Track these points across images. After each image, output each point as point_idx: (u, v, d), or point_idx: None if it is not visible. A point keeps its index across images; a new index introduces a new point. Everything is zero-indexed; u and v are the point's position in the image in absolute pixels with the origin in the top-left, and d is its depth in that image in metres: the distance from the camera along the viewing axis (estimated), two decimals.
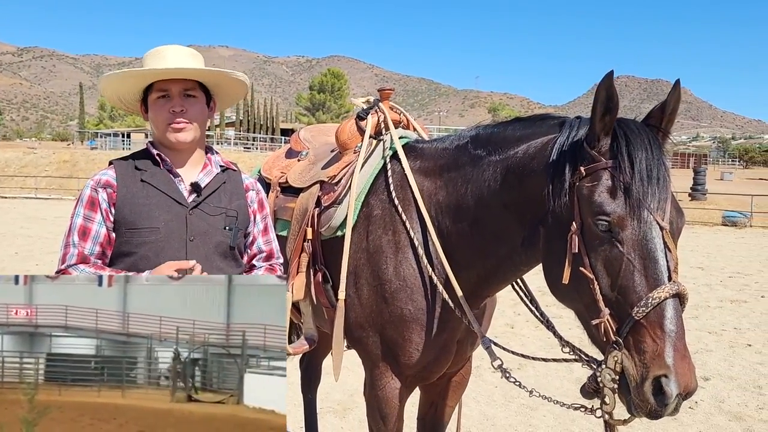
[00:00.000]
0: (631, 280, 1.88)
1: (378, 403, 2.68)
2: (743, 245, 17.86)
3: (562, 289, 2.06)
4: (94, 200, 2.19)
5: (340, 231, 2.73)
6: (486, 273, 2.50)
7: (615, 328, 1.90)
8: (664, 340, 1.81)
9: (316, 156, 3.26)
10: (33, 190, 34.58)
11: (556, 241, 2.08)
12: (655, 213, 1.90)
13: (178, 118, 2.22)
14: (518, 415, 5.32)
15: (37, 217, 21.88)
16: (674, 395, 1.78)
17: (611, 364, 1.90)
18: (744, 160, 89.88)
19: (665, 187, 1.95)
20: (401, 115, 3.05)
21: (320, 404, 4.82)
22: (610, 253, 1.92)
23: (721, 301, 9.97)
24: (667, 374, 1.78)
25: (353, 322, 2.68)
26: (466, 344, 2.80)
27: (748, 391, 5.96)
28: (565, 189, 2.05)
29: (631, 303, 1.87)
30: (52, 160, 43.82)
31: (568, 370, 6.26)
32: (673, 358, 1.80)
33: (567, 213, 2.04)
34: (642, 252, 1.89)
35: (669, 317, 1.83)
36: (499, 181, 2.36)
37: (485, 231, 2.43)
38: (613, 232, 1.91)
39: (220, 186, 2.33)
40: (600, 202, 1.93)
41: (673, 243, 1.92)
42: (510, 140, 2.39)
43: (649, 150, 1.95)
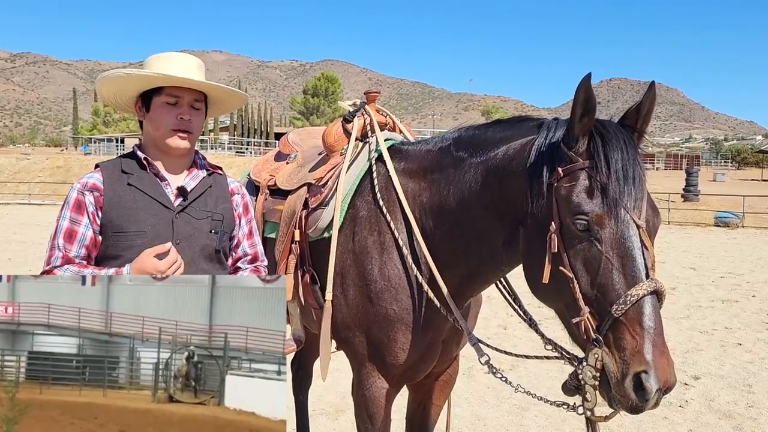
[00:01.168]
0: (609, 278, 1.91)
1: (365, 403, 2.70)
2: (735, 246, 17.95)
3: (542, 289, 2.09)
4: (81, 203, 2.20)
5: (327, 232, 2.76)
6: (469, 273, 2.53)
7: (595, 325, 1.93)
8: (643, 336, 1.84)
9: (304, 159, 3.28)
10: (26, 196, 34.46)
11: (536, 242, 2.11)
12: (631, 212, 1.93)
13: (184, 125, 2.26)
14: (510, 415, 5.35)
15: (31, 223, 21.84)
16: (654, 390, 1.81)
17: (592, 361, 1.93)
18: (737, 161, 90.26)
19: (641, 187, 1.98)
20: (387, 117, 3.08)
21: (313, 406, 4.83)
22: (588, 252, 1.95)
23: (713, 301, 10.03)
24: (647, 370, 1.81)
25: (340, 322, 2.70)
26: (451, 343, 2.82)
27: (738, 390, 6.00)
28: (543, 190, 2.08)
29: (610, 301, 1.89)
30: (45, 165, 43.72)
31: (560, 371, 6.28)
32: (652, 354, 1.82)
33: (546, 213, 2.07)
34: (620, 250, 1.92)
35: (647, 314, 1.86)
36: (480, 183, 2.39)
37: (467, 232, 2.46)
38: (592, 231, 1.94)
39: (206, 190, 2.35)
40: (578, 202, 1.97)
41: (649, 241, 1.96)
42: (490, 142, 2.43)
43: (624, 150, 1.98)
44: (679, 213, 25.21)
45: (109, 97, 2.42)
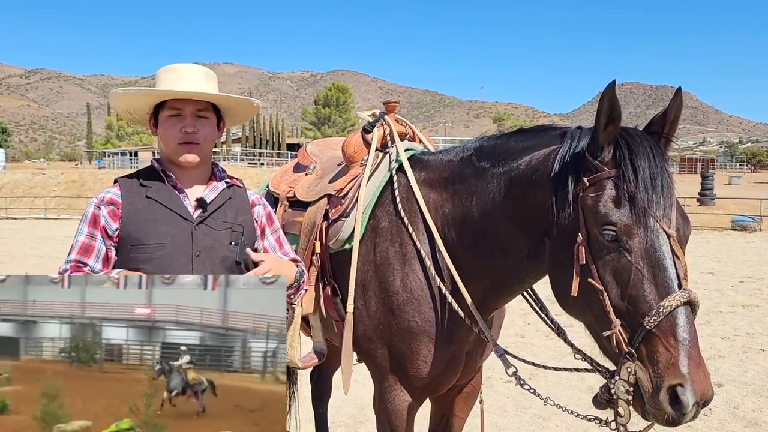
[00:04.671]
0: (641, 290, 1.87)
1: (387, 416, 2.67)
2: (753, 249, 17.75)
3: (571, 301, 2.05)
4: (97, 217, 2.21)
5: (348, 244, 2.74)
6: (492, 285, 2.50)
7: (627, 338, 1.88)
8: (678, 348, 1.80)
9: (323, 170, 3.27)
10: (42, 211, 34.77)
11: (562, 253, 2.08)
12: (661, 220, 1.90)
13: (188, 137, 2.24)
14: (531, 425, 5.29)
15: (47, 237, 22.02)
16: (691, 404, 1.76)
17: (624, 375, 1.88)
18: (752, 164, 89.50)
19: (669, 195, 1.95)
20: (407, 127, 3.07)
21: (331, 418, 4.80)
22: (618, 263, 1.92)
23: (733, 306, 9.90)
24: (683, 383, 1.77)
25: (362, 334, 2.68)
26: (475, 355, 2.79)
27: (763, 397, 5.90)
28: (569, 200, 2.05)
29: (642, 312, 1.85)
30: (60, 180, 44.12)
31: (580, 379, 6.22)
32: (688, 367, 1.78)
33: (572, 224, 2.04)
34: (650, 260, 1.88)
35: (681, 325, 1.82)
36: (503, 194, 2.36)
37: (491, 243, 2.43)
38: (621, 242, 1.90)
39: (226, 202, 2.34)
40: (605, 212, 1.93)
41: (680, 250, 1.91)
42: (513, 152, 2.40)
43: (651, 158, 1.95)
44: (695, 217, 24.97)
45: (124, 113, 2.44)
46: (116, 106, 2.41)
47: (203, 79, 2.32)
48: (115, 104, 2.39)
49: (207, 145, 2.31)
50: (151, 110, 2.33)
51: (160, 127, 2.29)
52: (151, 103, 2.31)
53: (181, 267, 2.18)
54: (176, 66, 2.33)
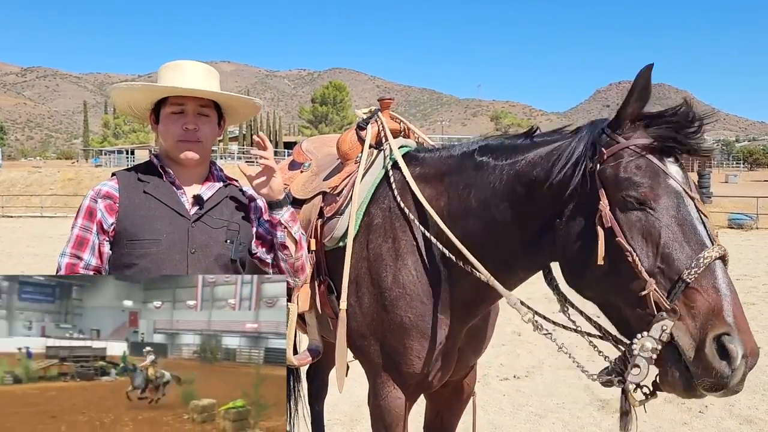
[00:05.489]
0: (674, 248, 1.86)
1: (381, 413, 2.67)
2: (750, 247, 17.79)
3: (589, 276, 2.03)
4: (93, 210, 2.20)
5: (342, 241, 2.73)
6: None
7: (664, 296, 1.83)
8: (720, 299, 1.76)
9: (318, 167, 3.27)
10: (38, 209, 34.72)
11: (580, 227, 2.08)
12: (684, 185, 1.92)
13: (190, 135, 2.24)
14: (526, 423, 5.29)
15: (44, 236, 21.98)
16: (740, 355, 1.69)
17: (656, 332, 1.81)
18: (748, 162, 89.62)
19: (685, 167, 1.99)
20: (401, 124, 3.06)
21: (328, 416, 4.81)
22: (646, 225, 1.91)
23: None
24: (729, 332, 1.71)
25: (355, 331, 2.68)
26: (468, 351, 2.79)
27: (758, 395, 5.92)
28: (586, 177, 2.06)
29: (677, 269, 1.83)
30: (56, 178, 44.06)
31: (577, 377, 6.23)
32: (734, 316, 1.73)
33: (590, 198, 2.04)
34: (679, 219, 1.89)
35: (721, 277, 1.79)
36: (507, 183, 2.36)
37: (486, 235, 2.43)
38: (646, 204, 1.91)
39: (223, 200, 2.34)
40: (627, 176, 1.95)
41: (706, 211, 1.93)
42: (521, 148, 2.41)
43: (671, 128, 1.98)
44: None
45: (124, 108, 2.44)
46: (117, 101, 2.40)
47: (205, 76, 2.32)
48: (117, 98, 2.39)
49: (208, 143, 2.31)
50: (152, 106, 2.33)
51: (162, 123, 2.28)
52: (152, 99, 2.31)
53: (176, 263, 2.18)
54: (179, 63, 2.33)
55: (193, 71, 2.29)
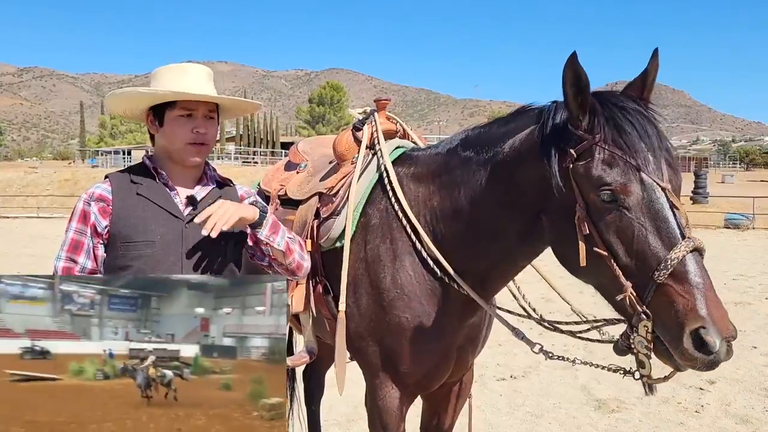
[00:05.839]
0: (646, 244, 1.89)
1: (379, 413, 2.67)
2: (746, 247, 17.84)
3: (580, 270, 2.06)
4: (87, 214, 2.20)
5: (339, 242, 2.73)
6: (482, 276, 2.51)
7: (640, 296, 1.89)
8: (693, 293, 1.80)
9: (314, 168, 3.26)
10: (35, 210, 34.66)
11: (563, 226, 2.09)
12: (653, 174, 1.92)
13: (201, 138, 2.25)
14: (523, 423, 5.29)
15: (40, 236, 21.93)
16: (717, 343, 1.75)
17: (642, 332, 1.89)
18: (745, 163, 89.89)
19: (655, 149, 1.96)
20: (397, 124, 3.06)
21: (325, 416, 4.81)
22: (620, 223, 1.93)
23: (726, 304, 9.71)
24: (705, 325, 1.77)
25: (353, 332, 2.67)
26: (466, 352, 2.79)
27: (755, 394, 5.93)
28: (560, 174, 2.06)
29: (650, 267, 1.86)
30: (53, 179, 43.99)
31: (573, 377, 6.24)
32: (707, 308, 1.78)
33: (568, 197, 2.05)
34: (651, 214, 1.90)
35: (692, 271, 1.83)
36: (491, 180, 2.38)
37: (481, 231, 2.44)
38: (618, 201, 1.92)
39: (217, 200, 2.34)
40: (598, 175, 1.95)
41: (678, 200, 1.93)
42: (495, 138, 2.41)
43: (632, 114, 1.98)
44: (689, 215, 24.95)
45: (118, 112, 2.43)
46: (112, 105, 2.41)
47: (209, 79, 2.33)
48: (115, 103, 2.38)
49: (212, 144, 2.34)
50: (149, 108, 2.31)
51: (167, 126, 2.26)
52: (153, 102, 2.29)
53: (170, 265, 2.17)
54: (183, 65, 2.33)
55: (198, 75, 2.30)
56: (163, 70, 2.32)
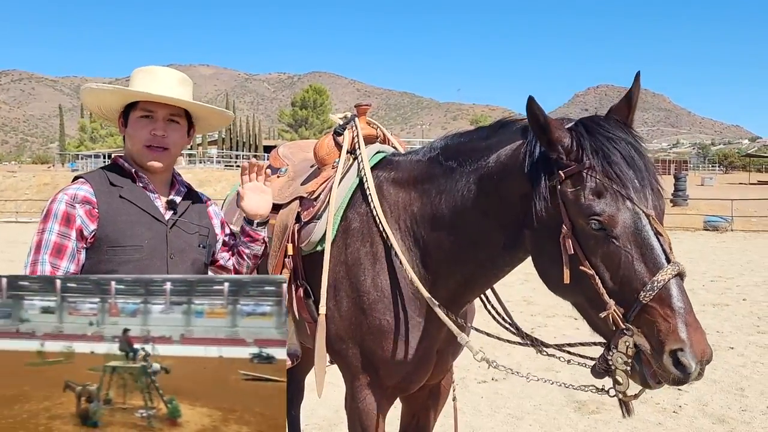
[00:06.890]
0: (632, 270, 1.95)
1: (359, 416, 2.69)
2: (725, 249, 18.07)
3: (562, 287, 2.11)
4: (71, 216, 2.11)
5: (320, 246, 2.74)
6: (465, 279, 2.54)
7: (622, 314, 1.96)
8: (675, 317, 1.88)
9: (295, 172, 3.27)
10: (13, 214, 34.28)
11: (547, 243, 2.13)
12: (638, 203, 1.98)
13: (157, 141, 2.23)
14: (504, 425, 5.33)
15: (18, 241, 21.64)
16: (693, 365, 1.85)
17: (622, 348, 1.96)
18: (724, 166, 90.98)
19: (640, 175, 2.03)
20: (378, 129, 3.09)
21: (305, 421, 4.81)
22: (607, 249, 1.99)
23: (704, 305, 10.05)
24: (683, 347, 1.85)
25: (333, 335, 2.69)
26: (446, 354, 2.82)
27: (731, 394, 6.02)
28: (546, 193, 2.11)
29: (635, 289, 1.93)
30: (32, 183, 43.49)
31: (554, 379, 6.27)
32: (687, 333, 1.87)
33: (553, 215, 2.09)
34: (637, 242, 1.96)
35: (675, 295, 1.91)
36: (474, 190, 2.41)
37: (462, 238, 2.47)
38: (607, 229, 1.98)
39: (190, 205, 2.36)
40: (588, 203, 2.00)
41: (661, 226, 2.00)
42: (478, 150, 2.44)
43: (618, 143, 2.04)
44: (669, 218, 24.95)
45: (94, 109, 2.41)
46: (88, 101, 2.39)
47: (180, 84, 2.30)
48: (87, 99, 2.37)
49: (175, 150, 2.30)
50: (122, 109, 2.31)
51: (130, 126, 2.27)
52: (123, 102, 2.29)
53: (156, 269, 2.16)
54: (153, 68, 2.32)
55: (166, 78, 2.28)
56: (137, 72, 2.33)
